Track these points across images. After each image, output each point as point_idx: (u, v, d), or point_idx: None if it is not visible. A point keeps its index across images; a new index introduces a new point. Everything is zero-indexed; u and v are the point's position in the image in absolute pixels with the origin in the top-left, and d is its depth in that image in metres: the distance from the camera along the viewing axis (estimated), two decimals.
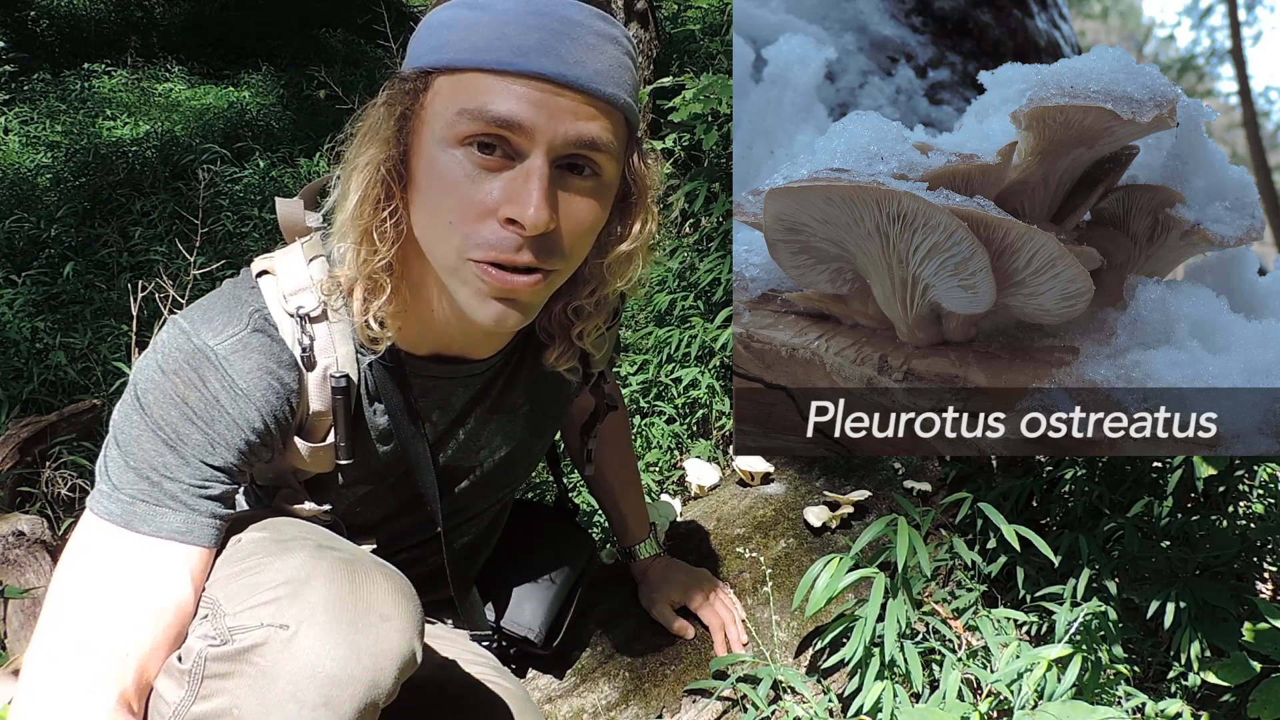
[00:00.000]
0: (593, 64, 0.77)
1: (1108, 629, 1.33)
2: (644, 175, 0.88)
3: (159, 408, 0.82)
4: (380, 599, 0.79)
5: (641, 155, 0.87)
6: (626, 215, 0.89)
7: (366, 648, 0.76)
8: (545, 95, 0.75)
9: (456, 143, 0.77)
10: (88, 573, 0.81)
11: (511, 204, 0.76)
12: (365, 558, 0.85)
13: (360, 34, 6.87)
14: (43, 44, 6.09)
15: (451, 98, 0.77)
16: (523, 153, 0.76)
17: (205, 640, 0.77)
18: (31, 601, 1.61)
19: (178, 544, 0.82)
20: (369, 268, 0.83)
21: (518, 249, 0.78)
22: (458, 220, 0.78)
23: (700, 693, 1.32)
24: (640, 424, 2.37)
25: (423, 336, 0.94)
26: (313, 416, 0.92)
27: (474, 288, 0.80)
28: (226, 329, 0.85)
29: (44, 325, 2.84)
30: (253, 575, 0.80)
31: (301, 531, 0.89)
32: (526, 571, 1.30)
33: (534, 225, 0.76)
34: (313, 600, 0.76)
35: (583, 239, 0.83)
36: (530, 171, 0.76)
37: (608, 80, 0.78)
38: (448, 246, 0.80)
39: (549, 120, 0.75)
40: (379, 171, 0.80)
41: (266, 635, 0.74)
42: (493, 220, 0.77)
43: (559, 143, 0.76)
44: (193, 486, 0.83)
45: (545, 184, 0.76)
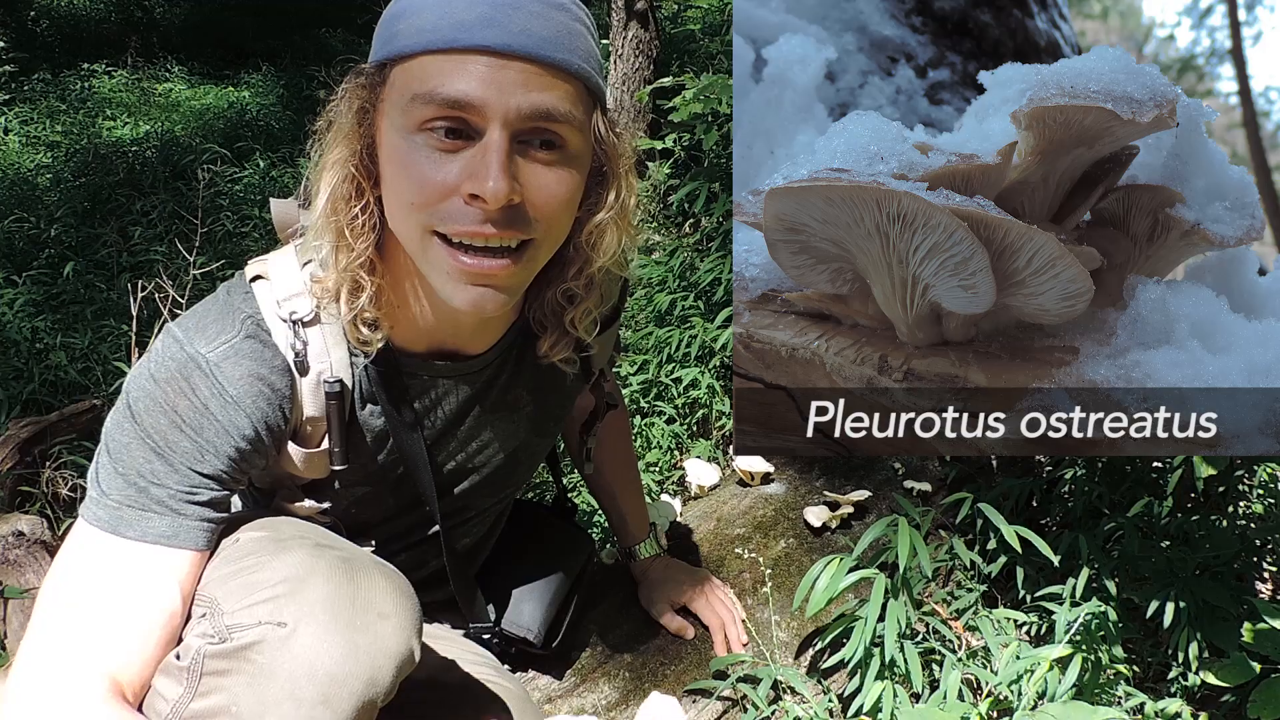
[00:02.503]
0: (539, 31, 0.77)
1: (1108, 629, 1.33)
2: (614, 144, 0.87)
3: (149, 416, 0.83)
4: (379, 597, 0.80)
5: (610, 124, 0.86)
6: (601, 185, 0.88)
7: (365, 646, 0.76)
8: (493, 69, 0.75)
9: (415, 129, 0.77)
10: (75, 578, 0.82)
11: (471, 179, 0.76)
12: (364, 556, 0.85)
13: (360, 34, 6.86)
14: (43, 44, 6.09)
15: (404, 85, 0.77)
16: (480, 130, 0.77)
17: (204, 638, 0.77)
18: (32, 601, 1.61)
19: (163, 548, 0.82)
20: (349, 267, 0.84)
21: (481, 222, 0.78)
22: (419, 201, 0.78)
23: (700, 693, 1.32)
24: (640, 424, 2.37)
25: (416, 333, 0.94)
26: (306, 422, 0.92)
27: (444, 268, 0.81)
28: (219, 336, 0.86)
29: (44, 325, 2.83)
30: (251, 574, 0.80)
31: (299, 531, 0.89)
32: (525, 572, 1.30)
33: (494, 197, 0.75)
34: (311, 598, 0.76)
35: (557, 211, 0.83)
36: (487, 146, 0.76)
37: (557, 47, 0.78)
38: (412, 227, 0.80)
39: (499, 94, 0.75)
40: (346, 169, 0.81)
41: (264, 633, 0.75)
42: (455, 198, 0.77)
43: (514, 115, 0.76)
44: (179, 492, 0.83)
45: (503, 156, 0.76)
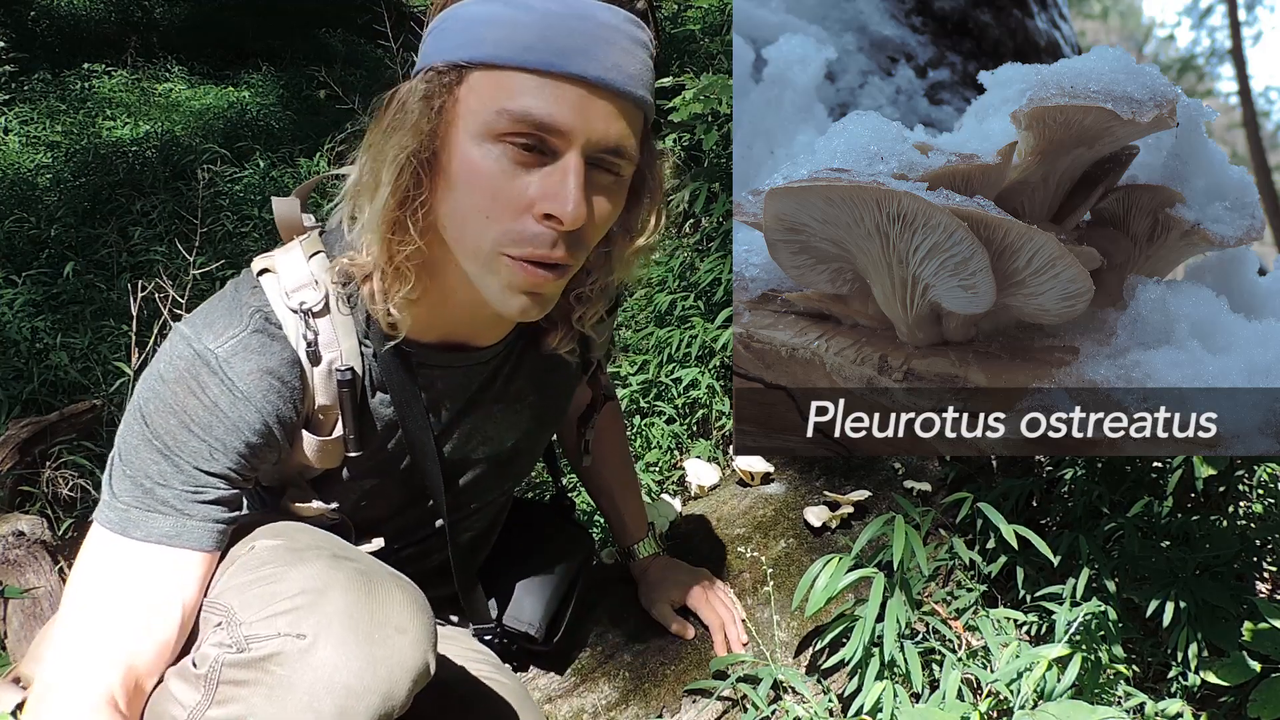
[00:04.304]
0: (627, 68, 0.79)
1: (1107, 629, 1.33)
2: (658, 171, 0.90)
3: (158, 416, 0.84)
4: (396, 611, 0.81)
5: (653, 152, 0.89)
6: (637, 208, 0.90)
7: (382, 659, 0.77)
8: (584, 99, 0.77)
9: (493, 138, 0.78)
10: (87, 580, 0.84)
11: (549, 200, 0.78)
12: (380, 569, 0.87)
13: (360, 34, 6.87)
14: (43, 44, 6.08)
15: (491, 95, 0.77)
16: (557, 150, 0.78)
17: (221, 648, 0.78)
18: (32, 601, 1.61)
19: (168, 548, 0.84)
20: (398, 257, 0.84)
21: (553, 244, 0.80)
22: (495, 214, 0.79)
23: (700, 693, 1.32)
24: (640, 424, 2.37)
25: (430, 323, 0.95)
26: (319, 410, 0.93)
27: (505, 280, 0.82)
28: (227, 331, 0.86)
29: (44, 325, 2.83)
30: (269, 584, 0.81)
31: (316, 540, 0.90)
32: (525, 568, 1.30)
33: (573, 221, 0.78)
34: (330, 611, 0.77)
35: (600, 233, 0.86)
36: (568, 168, 0.78)
37: (638, 83, 0.81)
38: (482, 239, 0.81)
39: (586, 123, 0.77)
40: (410, 162, 0.80)
41: (284, 645, 0.76)
42: (528, 215, 0.79)
43: (594, 145, 0.78)
44: (185, 492, 0.84)
45: (582, 181, 0.78)
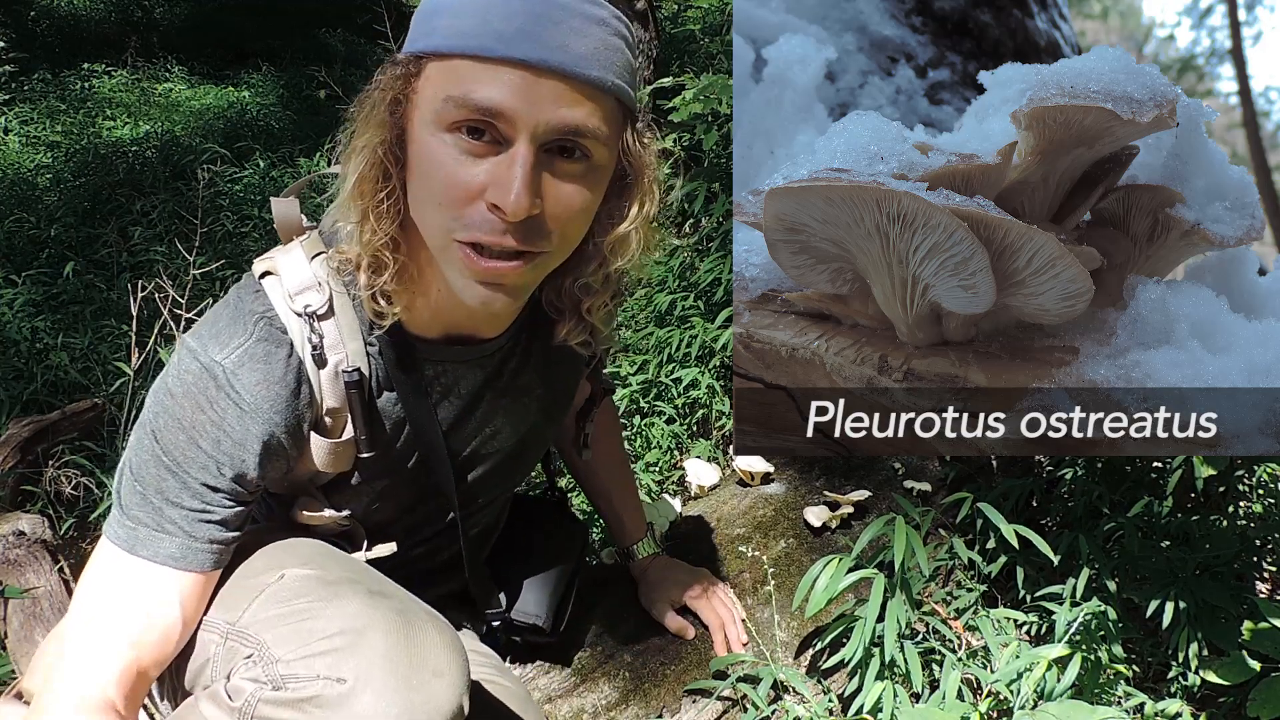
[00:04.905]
0: (576, 48, 0.77)
1: (1107, 629, 1.33)
2: (641, 156, 0.88)
3: (167, 432, 0.85)
4: (433, 654, 0.81)
5: (638, 135, 0.87)
6: (625, 195, 0.89)
7: (420, 705, 0.78)
8: (526, 82, 0.76)
9: (445, 128, 0.78)
10: (92, 593, 0.86)
11: (495, 189, 0.77)
12: (416, 606, 0.87)
13: (360, 34, 6.88)
14: (43, 44, 6.09)
15: (439, 84, 0.78)
16: (508, 138, 0.77)
17: (255, 683, 0.79)
18: (32, 601, 1.61)
19: (172, 569, 0.85)
20: (371, 246, 0.85)
21: (501, 232, 0.79)
22: (445, 202, 0.80)
23: (700, 693, 1.32)
24: (640, 424, 2.37)
25: (433, 317, 0.95)
26: (328, 414, 0.93)
27: (459, 269, 0.83)
28: (233, 340, 0.87)
29: (44, 325, 2.84)
30: (304, 620, 0.82)
31: (349, 573, 0.90)
32: (527, 561, 1.31)
33: (514, 211, 0.77)
34: (370, 655, 0.78)
35: (573, 222, 0.84)
36: (514, 158, 0.77)
37: (592, 64, 0.78)
38: (435, 227, 0.82)
39: (530, 107, 0.76)
40: (375, 154, 0.81)
41: (323, 689, 0.76)
42: (479, 203, 0.79)
43: (542, 129, 0.77)
44: (193, 512, 0.85)
45: (528, 170, 0.77)
